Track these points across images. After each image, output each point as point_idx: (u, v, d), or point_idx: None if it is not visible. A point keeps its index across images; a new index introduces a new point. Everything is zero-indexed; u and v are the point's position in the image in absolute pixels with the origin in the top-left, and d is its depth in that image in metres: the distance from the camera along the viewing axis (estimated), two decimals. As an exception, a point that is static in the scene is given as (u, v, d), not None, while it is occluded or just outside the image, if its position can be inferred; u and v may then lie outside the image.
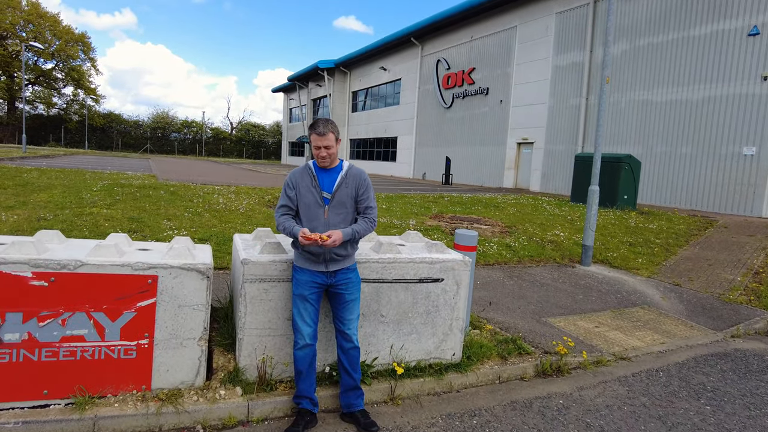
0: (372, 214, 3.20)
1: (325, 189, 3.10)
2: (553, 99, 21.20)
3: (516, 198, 15.66)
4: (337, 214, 3.11)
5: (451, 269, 3.83)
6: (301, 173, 3.16)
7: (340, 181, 3.10)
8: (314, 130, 3.03)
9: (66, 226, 7.05)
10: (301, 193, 3.12)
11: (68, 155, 33.65)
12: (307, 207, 3.10)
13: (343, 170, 3.15)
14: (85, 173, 13.95)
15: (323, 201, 3.08)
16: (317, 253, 3.08)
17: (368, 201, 3.18)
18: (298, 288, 3.15)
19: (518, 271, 7.70)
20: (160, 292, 3.19)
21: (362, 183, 3.17)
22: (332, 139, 3.04)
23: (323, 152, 3.03)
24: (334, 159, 3.13)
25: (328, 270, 3.13)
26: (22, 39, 49.90)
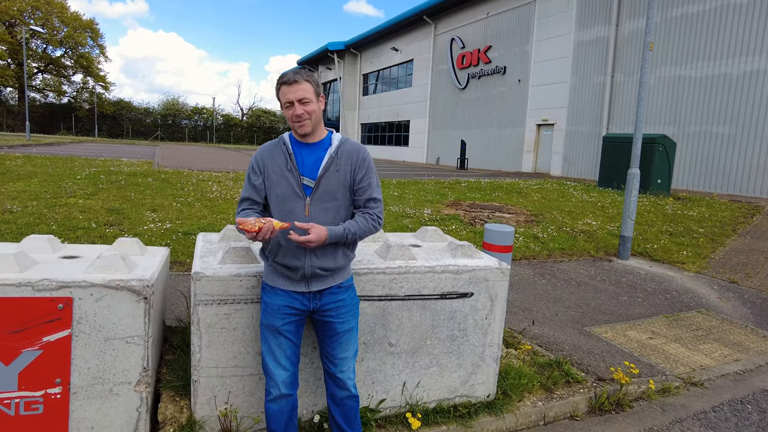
0: (376, 208, 2.21)
1: (305, 173, 2.11)
2: (575, 77, 19.88)
3: (539, 183, 14.55)
4: (325, 209, 2.12)
5: (484, 280, 2.85)
6: (270, 150, 2.19)
7: (328, 160, 2.11)
8: (281, 80, 2.07)
9: (32, 220, 6.20)
10: (270, 180, 2.13)
11: (75, 143, 33.07)
12: (280, 199, 2.12)
13: (332, 145, 2.16)
14: (76, 160, 13.13)
15: (303, 190, 2.10)
16: (294, 266, 2.12)
17: (370, 190, 2.19)
18: (269, 316, 2.19)
19: (549, 267, 6.70)
20: (77, 321, 2.27)
21: (360, 163, 2.17)
22: (309, 90, 2.06)
23: (299, 109, 2.03)
24: (318, 125, 2.16)
25: (310, 290, 2.16)
26: (27, 25, 49.21)
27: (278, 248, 2.13)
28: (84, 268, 2.40)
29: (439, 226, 7.80)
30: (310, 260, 2.11)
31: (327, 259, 2.13)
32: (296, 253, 2.10)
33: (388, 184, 12.75)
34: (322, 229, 2.00)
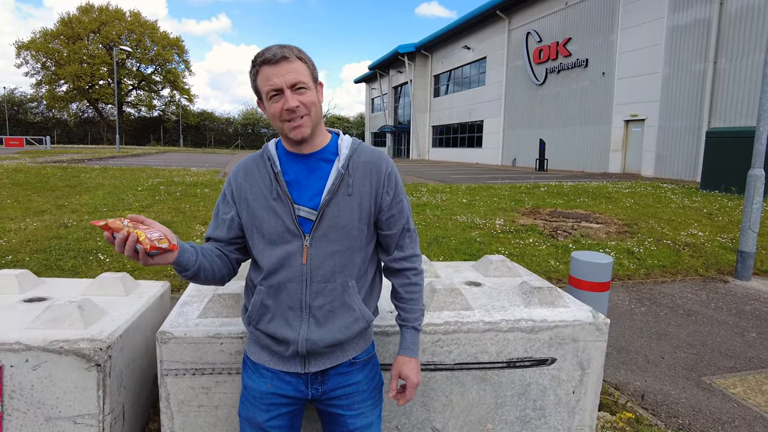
0: (413, 246, 1.55)
1: (302, 200, 1.39)
2: (668, 67, 17.81)
3: (630, 186, 12.97)
4: (331, 253, 1.39)
5: (571, 340, 1.99)
6: (248, 168, 1.46)
7: (335, 179, 1.38)
8: (260, 59, 1.33)
9: (83, 235, 6.05)
10: (251, 212, 1.42)
11: (159, 153, 35.07)
12: (267, 242, 1.41)
13: (341, 155, 1.42)
14: (144, 171, 13.45)
15: (300, 226, 1.38)
16: (283, 338, 1.40)
17: (403, 218, 1.50)
18: (248, 406, 1.48)
19: (648, 290, 5.56)
20: (8, 396, 1.71)
21: (385, 180, 1.45)
22: (304, 72, 1.34)
23: (292, 100, 1.31)
24: (319, 126, 1.42)
25: (307, 371, 1.43)
26: (119, 43, 53.33)
27: (262, 310, 1.43)
28: (29, 321, 1.85)
29: (514, 238, 6.84)
30: (306, 329, 1.39)
31: (334, 327, 1.41)
32: (287, 317, 1.40)
33: (456, 190, 11.85)
34: (412, 364, 1.50)
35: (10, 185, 9.58)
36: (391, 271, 1.57)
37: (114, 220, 1.15)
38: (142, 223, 1.20)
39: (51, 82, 58.44)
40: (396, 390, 1.49)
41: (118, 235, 1.14)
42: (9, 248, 5.60)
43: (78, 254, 5.50)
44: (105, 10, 58.64)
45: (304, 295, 1.38)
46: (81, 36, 57.26)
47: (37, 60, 57.57)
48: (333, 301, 1.40)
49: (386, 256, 1.55)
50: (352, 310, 1.43)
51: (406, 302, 1.55)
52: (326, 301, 1.40)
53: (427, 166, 28.88)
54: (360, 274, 1.46)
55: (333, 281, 1.40)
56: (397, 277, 1.56)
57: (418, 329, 1.55)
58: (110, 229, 1.14)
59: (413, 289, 1.55)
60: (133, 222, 1.18)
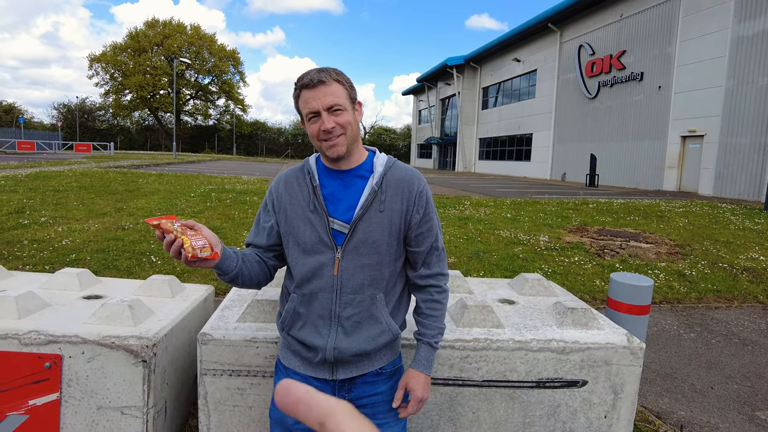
0: (439, 264, 1.59)
1: (337, 213, 1.47)
2: (732, 80, 16.96)
3: (685, 205, 12.39)
4: (361, 266, 1.46)
5: (604, 363, 1.96)
6: (289, 181, 1.55)
7: (368, 195, 1.46)
8: (300, 82, 1.42)
9: (138, 237, 6.40)
10: (289, 222, 1.51)
11: (213, 161, 36.43)
12: (301, 251, 1.48)
13: (375, 173, 1.49)
14: (198, 178, 14.04)
15: (333, 238, 1.46)
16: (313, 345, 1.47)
17: (431, 237, 1.54)
18: (278, 410, 1.53)
19: (700, 316, 5.30)
20: (66, 384, 1.86)
21: (416, 199, 1.50)
22: (341, 94, 1.42)
23: (328, 122, 1.39)
24: (355, 144, 1.48)
25: (335, 378, 1.50)
26: (179, 55, 56.10)
27: (295, 317, 1.52)
28: (87, 317, 2.00)
29: (558, 256, 6.70)
30: (334, 338, 1.46)
31: (361, 338, 1.47)
32: (317, 325, 1.47)
33: (501, 204, 11.70)
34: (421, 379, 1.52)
35: (77, 188, 10.25)
36: (416, 287, 1.61)
37: (166, 221, 1.23)
38: (192, 228, 1.27)
39: (117, 91, 62.15)
40: (400, 400, 1.51)
41: (167, 238, 1.23)
42: (73, 247, 6.00)
43: (132, 255, 5.81)
44: (168, 24, 61.98)
45: (334, 305, 1.45)
46: (146, 48, 60.68)
47: (107, 71, 61.42)
48: (361, 312, 1.46)
49: (413, 272, 1.59)
50: (379, 323, 1.49)
51: (426, 318, 1.58)
52: (354, 312, 1.46)
53: (473, 178, 28.62)
54: (388, 288, 1.52)
55: (362, 293, 1.46)
56: (420, 293, 1.60)
57: (435, 347, 1.56)
58: (161, 229, 1.22)
59: (435, 306, 1.58)
60: (183, 226, 1.25)
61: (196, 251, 1.23)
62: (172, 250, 1.23)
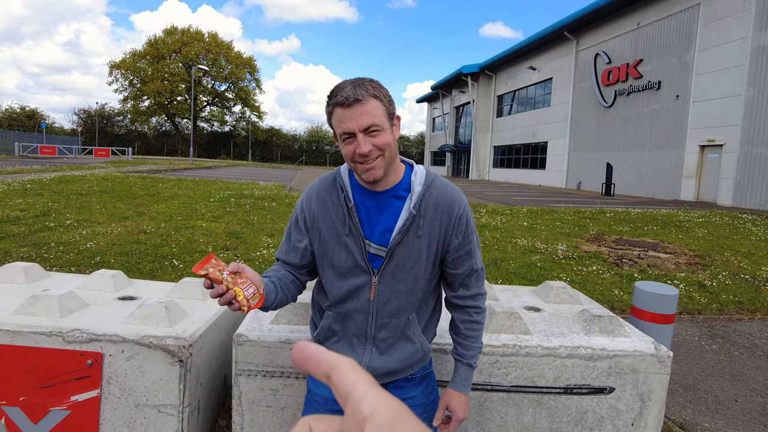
0: (478, 284, 1.53)
1: (373, 236, 1.40)
2: (753, 89, 16.76)
3: (704, 215, 12.25)
4: (397, 292, 1.42)
5: (631, 371, 1.98)
6: (322, 197, 1.45)
7: (406, 220, 1.37)
8: (334, 99, 1.30)
9: (160, 241, 6.51)
10: (324, 244, 1.44)
11: (228, 166, 36.82)
12: (336, 274, 1.44)
13: (413, 193, 1.39)
14: (216, 183, 14.23)
15: (369, 262, 1.41)
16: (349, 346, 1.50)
17: (471, 260, 1.48)
18: (311, 409, 1.57)
19: (722, 328, 5.24)
20: (106, 381, 1.92)
21: (456, 222, 1.43)
22: (379, 112, 1.29)
23: (365, 145, 1.27)
24: (391, 164, 1.36)
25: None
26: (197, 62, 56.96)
27: (329, 333, 1.51)
28: (125, 317, 2.07)
29: (576, 265, 6.68)
30: (369, 357, 1.46)
31: (394, 357, 1.47)
32: (353, 343, 1.47)
33: (517, 213, 11.67)
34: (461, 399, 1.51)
35: (99, 192, 10.45)
36: (453, 306, 1.56)
37: (214, 270, 1.15)
38: (237, 273, 1.19)
39: (135, 97, 63.23)
40: (441, 420, 1.51)
41: (217, 289, 1.16)
42: (98, 250, 6.13)
43: (155, 259, 5.92)
44: (187, 31, 62.99)
45: (370, 327, 1.44)
46: (164, 55, 61.72)
47: (126, 78, 62.56)
48: (395, 334, 1.45)
49: (450, 292, 1.55)
50: (413, 342, 1.48)
51: (464, 338, 1.54)
52: (389, 334, 1.45)
53: (487, 186, 28.55)
54: (421, 305, 1.50)
55: (397, 317, 1.44)
56: (458, 313, 1.56)
57: (473, 366, 1.54)
58: (210, 279, 1.15)
59: (474, 327, 1.54)
60: (231, 274, 1.17)
61: (249, 302, 1.20)
62: (223, 300, 1.17)
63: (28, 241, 6.46)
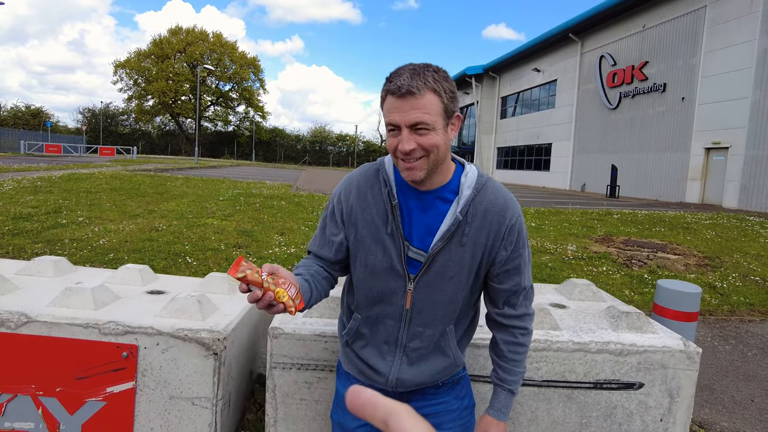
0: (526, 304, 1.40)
1: (414, 239, 1.29)
2: (759, 92, 16.75)
3: (711, 217, 12.25)
4: (434, 302, 1.31)
5: (660, 367, 1.99)
6: (362, 189, 1.33)
7: (451, 225, 1.26)
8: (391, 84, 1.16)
9: (172, 239, 6.54)
10: (360, 240, 1.33)
11: (233, 166, 36.90)
12: (369, 272, 1.33)
13: (462, 195, 1.27)
14: (224, 182, 14.28)
15: (406, 267, 1.29)
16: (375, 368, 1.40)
17: (520, 276, 1.35)
18: (339, 411, 1.50)
19: (734, 329, 5.25)
20: (141, 373, 1.95)
21: (506, 233, 1.29)
22: (434, 108, 1.16)
23: (408, 143, 1.16)
24: (440, 164, 1.25)
25: (395, 389, 1.39)
26: (201, 62, 57.10)
27: (358, 336, 1.41)
28: (157, 310, 2.10)
29: (586, 266, 6.69)
30: (398, 367, 1.35)
31: (425, 368, 1.36)
32: (382, 349, 1.36)
33: (525, 213, 11.68)
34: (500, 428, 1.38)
35: (108, 190, 10.50)
36: (495, 324, 1.42)
37: (251, 271, 1.06)
38: (276, 274, 1.10)
39: (140, 97, 63.36)
40: None
41: (255, 292, 1.07)
42: (110, 247, 6.16)
43: (168, 256, 5.95)
44: (191, 31, 63.12)
45: (401, 334, 1.34)
46: (169, 55, 61.86)
47: (130, 77, 62.70)
48: (429, 345, 1.34)
49: (493, 309, 1.41)
50: (446, 356, 1.37)
51: (507, 362, 1.40)
52: (422, 345, 1.34)
53: (491, 187, 28.54)
54: (459, 317, 1.38)
55: (432, 328, 1.33)
56: (501, 333, 1.41)
57: (515, 393, 1.40)
58: (248, 281, 1.06)
59: (518, 350, 1.40)
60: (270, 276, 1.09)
61: (295, 301, 1.13)
62: (262, 302, 1.07)
63: (41, 237, 6.50)
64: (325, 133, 77.66)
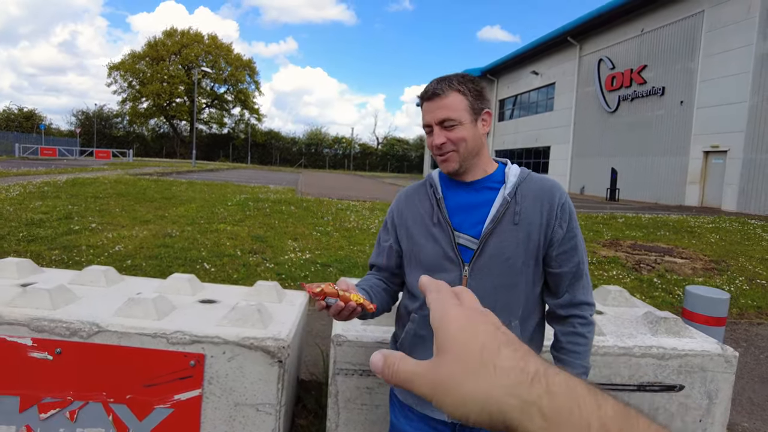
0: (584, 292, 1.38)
1: (463, 227, 1.35)
2: (756, 96, 16.97)
3: (713, 221, 12.42)
4: (494, 288, 1.31)
5: (700, 370, 2.10)
6: (410, 196, 1.48)
7: (501, 206, 1.32)
8: (421, 94, 1.37)
9: (187, 245, 6.60)
10: (410, 238, 1.42)
11: (230, 169, 36.89)
12: (423, 268, 1.38)
13: (508, 182, 1.35)
14: (229, 186, 14.34)
15: (459, 254, 1.34)
16: None
17: (577, 256, 1.36)
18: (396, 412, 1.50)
19: (744, 332, 5.37)
20: (207, 381, 2.02)
21: (559, 211, 1.33)
22: (458, 106, 1.30)
23: (439, 137, 1.31)
24: (478, 158, 1.37)
25: (452, 420, 1.36)
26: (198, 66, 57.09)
27: (416, 340, 1.40)
28: (218, 319, 2.17)
29: (596, 270, 6.81)
30: None
31: None
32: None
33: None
34: None
35: (115, 195, 10.54)
36: (555, 318, 1.41)
37: (327, 284, 1.14)
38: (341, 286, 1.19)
39: (134, 99, 63.22)
40: None
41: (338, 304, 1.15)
42: (127, 254, 6.22)
43: (185, 262, 6.01)
44: (186, 33, 63.09)
45: None
46: (164, 57, 61.78)
47: (125, 79, 62.56)
48: None
49: (552, 299, 1.40)
50: None
51: (567, 354, 1.36)
52: None
53: (490, 190, 28.70)
54: (524, 315, 1.35)
55: None
56: (561, 325, 1.39)
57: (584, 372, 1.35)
58: (324, 295, 1.13)
59: (578, 341, 1.35)
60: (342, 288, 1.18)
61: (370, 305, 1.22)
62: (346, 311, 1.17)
63: (56, 243, 6.54)
64: (321, 136, 77.69)
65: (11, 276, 2.56)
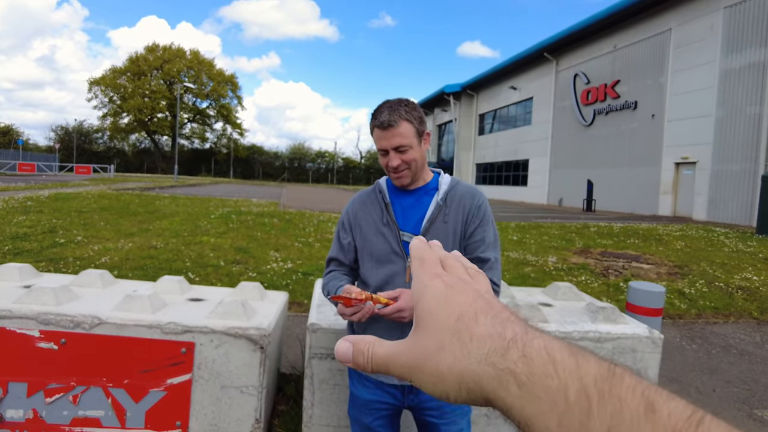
0: (493, 270, 1.68)
1: (407, 227, 1.70)
2: (722, 109, 17.78)
3: (681, 229, 12.96)
4: None
5: (630, 351, 2.41)
6: (363, 201, 1.80)
7: (434, 210, 1.68)
8: (374, 121, 1.64)
9: (171, 256, 6.79)
10: (364, 237, 1.74)
11: (212, 184, 36.92)
12: (375, 261, 1.71)
13: (440, 190, 1.71)
14: (212, 200, 14.50)
15: (403, 248, 1.67)
16: None
17: (483, 246, 1.68)
18: (355, 410, 1.80)
19: (700, 330, 5.75)
20: (197, 366, 2.28)
21: (475, 211, 1.69)
22: (409, 134, 1.61)
23: (394, 160, 1.62)
24: (420, 171, 1.71)
25: (403, 383, 1.68)
26: (180, 81, 57.19)
27: (368, 322, 1.62)
28: (207, 312, 2.43)
29: (566, 276, 7.16)
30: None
31: None
32: (390, 327, 1.62)
33: (506, 228, 12.20)
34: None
35: (99, 210, 10.66)
36: None
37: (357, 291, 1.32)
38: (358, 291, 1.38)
39: (115, 114, 62.88)
40: None
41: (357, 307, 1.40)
42: (113, 265, 6.39)
43: (170, 272, 6.21)
44: (168, 48, 63.18)
45: None
46: (145, 72, 61.68)
47: (105, 94, 62.25)
48: None
49: None
50: None
51: None
52: None
53: (472, 202, 29.19)
54: None
55: None
56: None
57: None
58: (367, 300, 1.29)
59: None
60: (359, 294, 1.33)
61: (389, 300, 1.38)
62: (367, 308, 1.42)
63: (43, 256, 6.68)
64: (304, 150, 77.97)
65: (14, 279, 2.78)
